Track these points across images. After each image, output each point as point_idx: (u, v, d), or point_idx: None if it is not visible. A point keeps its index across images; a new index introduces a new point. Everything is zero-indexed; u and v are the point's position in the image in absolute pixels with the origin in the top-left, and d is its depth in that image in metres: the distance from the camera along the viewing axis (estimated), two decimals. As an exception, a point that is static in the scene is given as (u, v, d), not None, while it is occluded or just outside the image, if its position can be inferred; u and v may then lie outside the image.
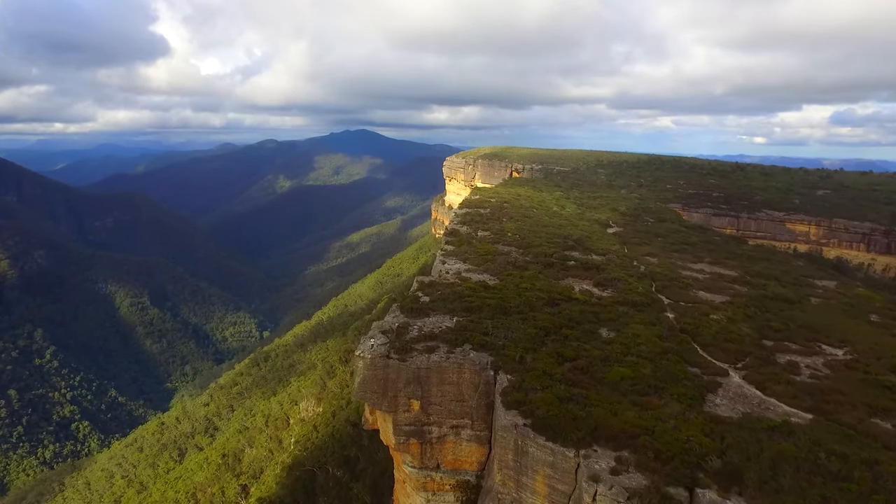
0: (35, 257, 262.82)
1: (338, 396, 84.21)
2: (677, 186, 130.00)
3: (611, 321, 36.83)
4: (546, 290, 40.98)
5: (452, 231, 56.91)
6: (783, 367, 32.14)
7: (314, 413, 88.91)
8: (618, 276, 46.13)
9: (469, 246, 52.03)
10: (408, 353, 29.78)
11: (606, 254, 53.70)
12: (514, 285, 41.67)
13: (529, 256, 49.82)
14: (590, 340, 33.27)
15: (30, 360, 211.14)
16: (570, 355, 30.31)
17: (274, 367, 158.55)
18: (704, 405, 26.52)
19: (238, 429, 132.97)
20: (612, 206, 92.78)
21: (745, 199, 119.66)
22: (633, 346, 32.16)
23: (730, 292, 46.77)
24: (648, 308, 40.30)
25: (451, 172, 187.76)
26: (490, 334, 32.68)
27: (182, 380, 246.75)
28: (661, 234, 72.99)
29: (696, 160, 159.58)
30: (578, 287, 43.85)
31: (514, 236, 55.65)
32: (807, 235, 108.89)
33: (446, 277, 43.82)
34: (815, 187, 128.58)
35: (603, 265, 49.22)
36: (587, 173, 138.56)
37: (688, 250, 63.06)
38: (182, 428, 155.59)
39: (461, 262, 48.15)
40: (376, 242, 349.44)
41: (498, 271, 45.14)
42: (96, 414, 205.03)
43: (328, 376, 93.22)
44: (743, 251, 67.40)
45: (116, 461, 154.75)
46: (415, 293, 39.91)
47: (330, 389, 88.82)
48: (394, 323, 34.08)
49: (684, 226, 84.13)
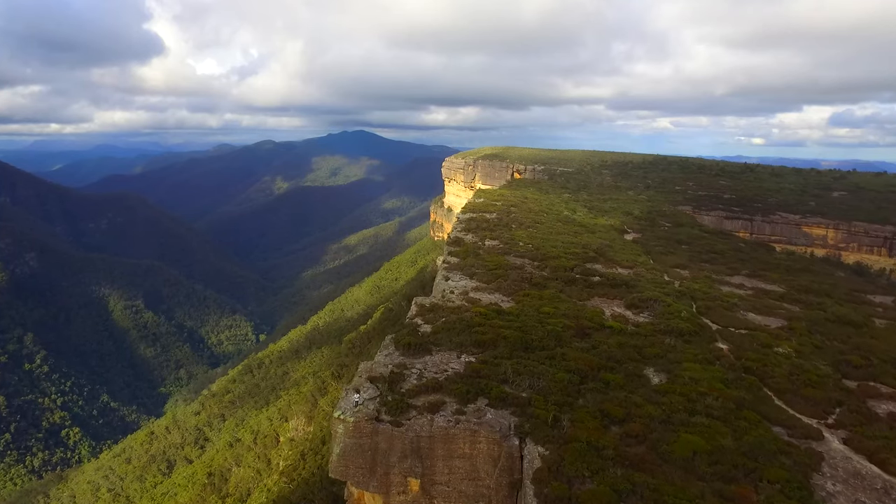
0: (26, 260, 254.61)
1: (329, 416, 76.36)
2: (686, 188, 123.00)
3: (657, 358, 29.11)
4: (573, 316, 33.21)
5: (456, 240, 49.02)
6: (888, 423, 24.51)
7: (304, 432, 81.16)
8: (652, 294, 38.35)
9: (476, 258, 44.20)
10: (404, 414, 21.97)
11: (633, 266, 45.91)
12: (534, 309, 33.87)
13: (547, 271, 42.01)
14: (637, 388, 25.52)
15: (19, 364, 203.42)
16: (617, 414, 22.54)
17: (267, 375, 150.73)
18: (814, 495, 18.85)
19: (228, 441, 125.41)
20: (623, 209, 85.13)
21: (758, 202, 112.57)
22: (696, 396, 24.41)
23: (782, 314, 39.13)
24: (697, 338, 32.59)
25: (451, 173, 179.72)
26: (510, 381, 24.90)
27: (176, 384, 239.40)
28: (684, 240, 65.41)
29: (703, 161, 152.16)
30: (609, 310, 36.07)
31: (527, 246, 47.82)
32: (824, 239, 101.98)
33: (451, 299, 35.98)
34: (829, 189, 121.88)
35: (632, 281, 41.44)
36: (592, 174, 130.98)
37: (718, 260, 55.47)
38: (172, 438, 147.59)
39: (467, 278, 40.33)
40: (374, 245, 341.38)
41: (512, 290, 37.33)
42: (87, 420, 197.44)
43: (319, 393, 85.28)
44: (777, 260, 59.84)
45: (103, 473, 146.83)
46: (413, 321, 32.06)
47: (321, 408, 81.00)
48: (386, 365, 26.23)
49: (704, 231, 76.53)
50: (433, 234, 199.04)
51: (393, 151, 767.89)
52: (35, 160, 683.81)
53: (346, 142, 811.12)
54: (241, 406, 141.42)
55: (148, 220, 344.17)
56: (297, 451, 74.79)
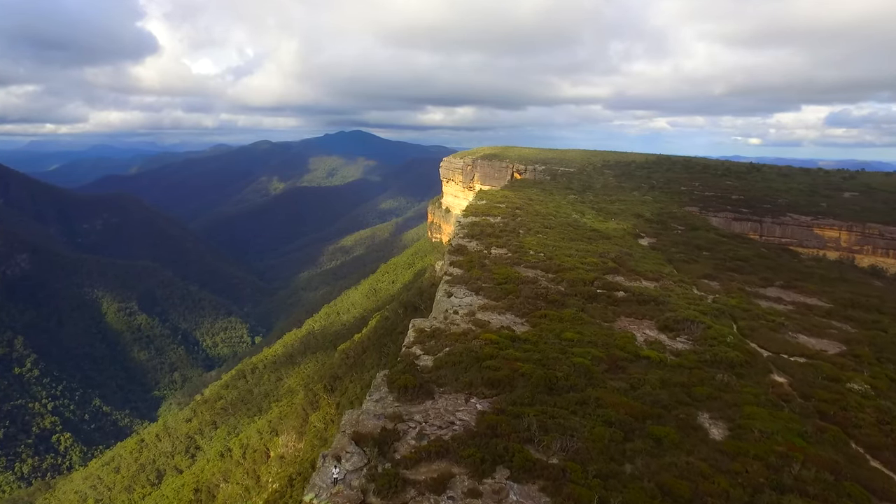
0: (18, 261, 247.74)
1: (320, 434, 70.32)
2: (692, 188, 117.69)
3: (710, 400, 23.31)
4: (601, 343, 27.38)
5: (459, 248, 43.07)
6: None
7: (294, 449, 75.24)
8: (687, 314, 32.58)
9: (482, 269, 38.30)
10: (399, 495, 16.15)
11: (658, 278, 40.09)
12: (554, 335, 28.01)
13: (563, 285, 36.14)
14: (697, 445, 19.73)
15: (9, 368, 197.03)
16: (683, 492, 16.75)
17: (260, 381, 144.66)
18: None
19: (219, 450, 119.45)
20: (632, 211, 79.43)
21: (767, 202, 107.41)
22: (776, 461, 18.62)
23: (836, 335, 33.47)
24: (749, 370, 26.83)
25: (449, 173, 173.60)
26: (536, 440, 19.10)
27: (170, 387, 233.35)
28: (703, 246, 59.72)
29: (707, 160, 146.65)
30: (640, 334, 30.27)
31: (539, 255, 41.93)
32: (837, 242, 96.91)
33: (455, 320, 30.09)
34: (839, 189, 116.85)
35: (661, 296, 35.64)
36: (594, 175, 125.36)
37: (745, 268, 49.78)
38: (162, 446, 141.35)
39: (473, 293, 34.44)
40: (370, 245, 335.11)
41: (526, 309, 31.47)
42: (79, 425, 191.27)
43: (311, 407, 79.30)
44: (809, 268, 54.23)
45: (91, 483, 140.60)
46: (410, 351, 26.13)
47: (312, 424, 75.07)
48: (378, 416, 20.33)
49: (720, 234, 70.98)
50: (431, 235, 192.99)
51: (390, 151, 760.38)
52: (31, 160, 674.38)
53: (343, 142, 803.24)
54: (234, 413, 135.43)
55: (143, 221, 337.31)
56: (287, 471, 68.83)
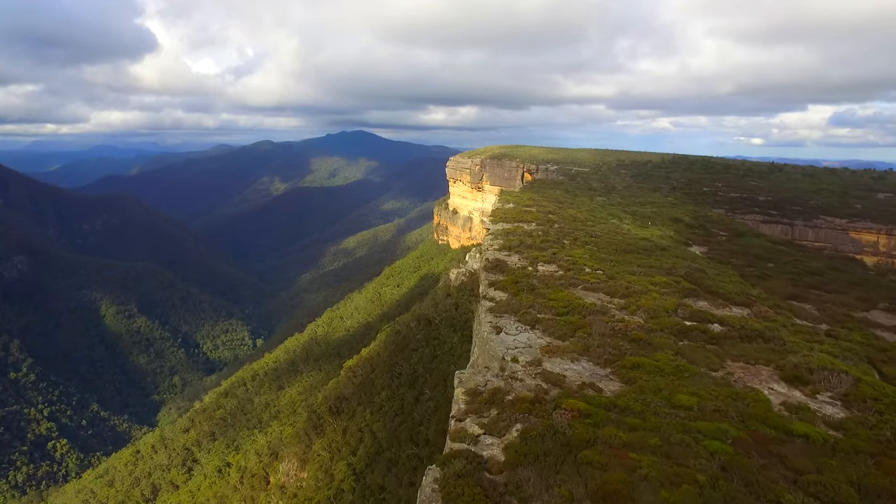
0: (15, 263, 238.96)
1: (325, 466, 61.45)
2: (716, 189, 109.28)
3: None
4: (732, 413, 18.87)
5: (497, 263, 34.41)
6: None
7: (297, 479, 66.52)
8: (817, 358, 24.12)
9: (532, 293, 29.73)
10: None
11: (750, 303, 31.50)
12: (662, 398, 19.41)
13: (641, 315, 27.59)
14: None
15: (4, 373, 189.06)
16: None
17: (260, 390, 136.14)
18: None
19: (217, 466, 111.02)
20: (666, 214, 70.95)
21: (797, 204, 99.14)
22: None
23: None
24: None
25: (456, 174, 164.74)
26: None
27: (170, 391, 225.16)
28: (761, 255, 51.31)
29: (727, 160, 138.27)
30: (767, 390, 21.72)
31: (596, 272, 33.31)
32: (875, 246, 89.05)
33: (516, 373, 21.52)
34: (872, 189, 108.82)
35: (767, 331, 27.14)
36: (611, 175, 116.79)
37: (826, 285, 41.36)
38: (158, 459, 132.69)
39: (529, 328, 25.88)
40: (373, 246, 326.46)
41: (607, 355, 22.91)
42: (76, 431, 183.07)
43: (314, 432, 70.40)
44: (888, 281, 45.96)
45: (84, 497, 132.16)
46: (464, 429, 17.54)
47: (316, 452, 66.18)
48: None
49: (771, 241, 62.56)
50: (437, 237, 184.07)
51: (392, 152, 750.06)
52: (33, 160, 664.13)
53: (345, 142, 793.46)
54: (233, 425, 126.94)
55: (143, 222, 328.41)
56: (288, 506, 60.62)
